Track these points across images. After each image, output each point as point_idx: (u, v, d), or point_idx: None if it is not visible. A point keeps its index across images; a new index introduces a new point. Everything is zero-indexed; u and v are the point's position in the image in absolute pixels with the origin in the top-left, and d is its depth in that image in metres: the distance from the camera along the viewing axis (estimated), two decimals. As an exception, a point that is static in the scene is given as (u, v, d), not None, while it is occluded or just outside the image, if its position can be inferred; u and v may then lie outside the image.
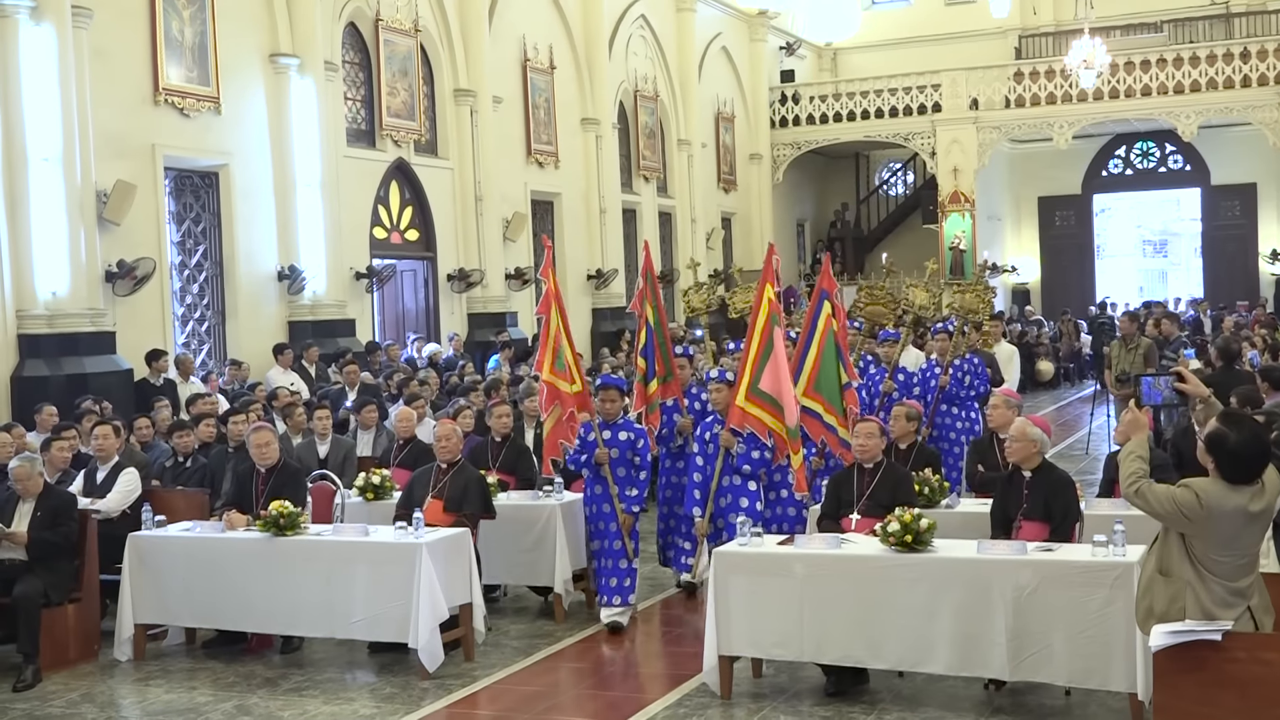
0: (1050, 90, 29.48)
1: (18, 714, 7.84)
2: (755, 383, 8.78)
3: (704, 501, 8.98)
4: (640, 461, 9.25)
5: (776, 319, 8.91)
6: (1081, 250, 34.79)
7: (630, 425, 9.42)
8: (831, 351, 9.67)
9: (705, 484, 8.99)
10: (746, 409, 8.77)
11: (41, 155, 13.97)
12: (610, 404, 9.31)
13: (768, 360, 8.81)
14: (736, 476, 8.92)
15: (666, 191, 28.19)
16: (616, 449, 9.21)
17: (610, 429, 9.28)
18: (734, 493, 8.93)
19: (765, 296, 8.97)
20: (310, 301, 17.84)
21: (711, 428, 9.10)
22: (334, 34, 18.75)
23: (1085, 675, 6.74)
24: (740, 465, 8.86)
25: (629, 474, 9.22)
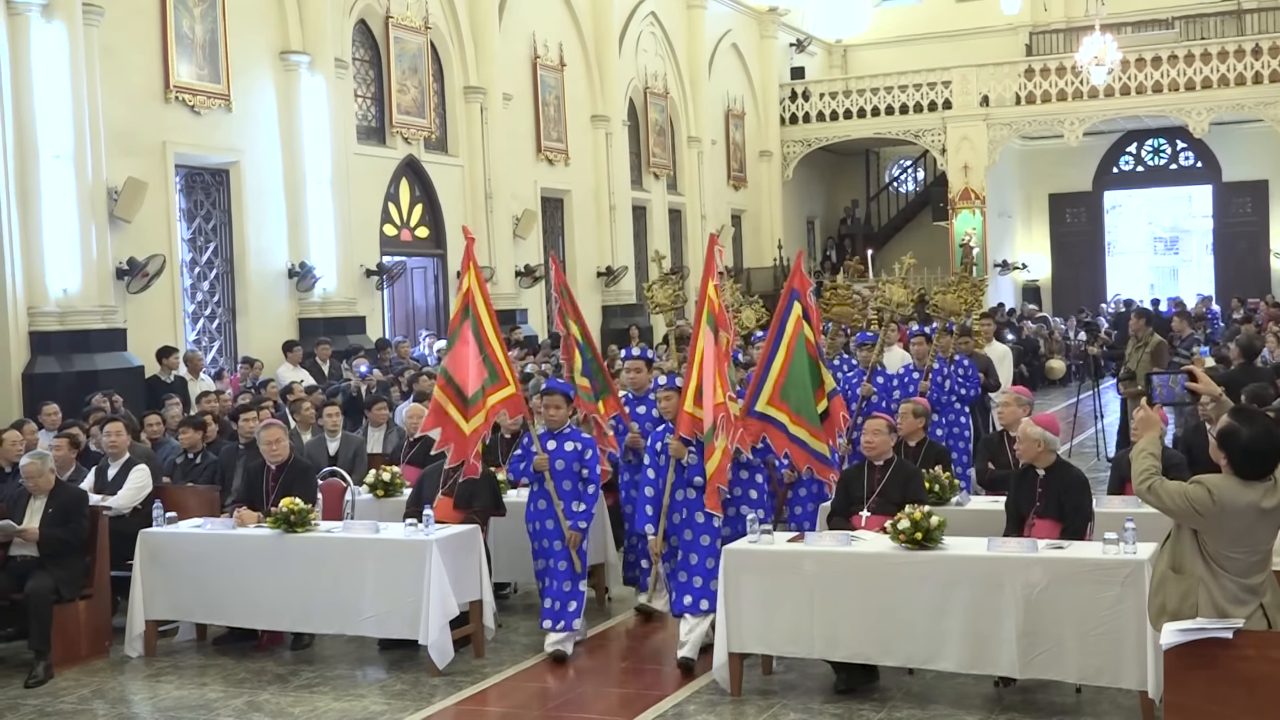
0: (1061, 87, 29.41)
1: (29, 710, 7.86)
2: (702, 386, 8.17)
3: (656, 518, 8.19)
4: (589, 474, 8.54)
5: (711, 317, 8.24)
6: (1092, 247, 34.72)
7: (577, 435, 8.67)
8: (803, 357, 8.74)
9: (657, 499, 8.20)
10: (696, 415, 8.08)
11: (53, 152, 14.01)
12: (554, 411, 8.57)
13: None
14: (690, 490, 8.15)
15: (676, 189, 28.18)
16: (562, 460, 8.49)
17: (555, 438, 8.57)
18: (687, 507, 8.17)
19: (706, 295, 8.34)
20: (320, 299, 17.87)
21: (662, 437, 8.35)
22: (344, 31, 18.77)
23: (1096, 673, 6.73)
24: (693, 477, 8.11)
25: (575, 487, 8.51)
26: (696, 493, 8.11)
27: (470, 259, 9.06)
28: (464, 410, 8.63)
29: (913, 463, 8.65)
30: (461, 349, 8.78)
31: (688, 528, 8.15)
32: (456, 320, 8.97)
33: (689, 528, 8.14)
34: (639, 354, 10.07)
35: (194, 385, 14.60)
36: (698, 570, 8.00)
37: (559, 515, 8.45)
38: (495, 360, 8.79)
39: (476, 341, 8.76)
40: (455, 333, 8.92)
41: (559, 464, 8.48)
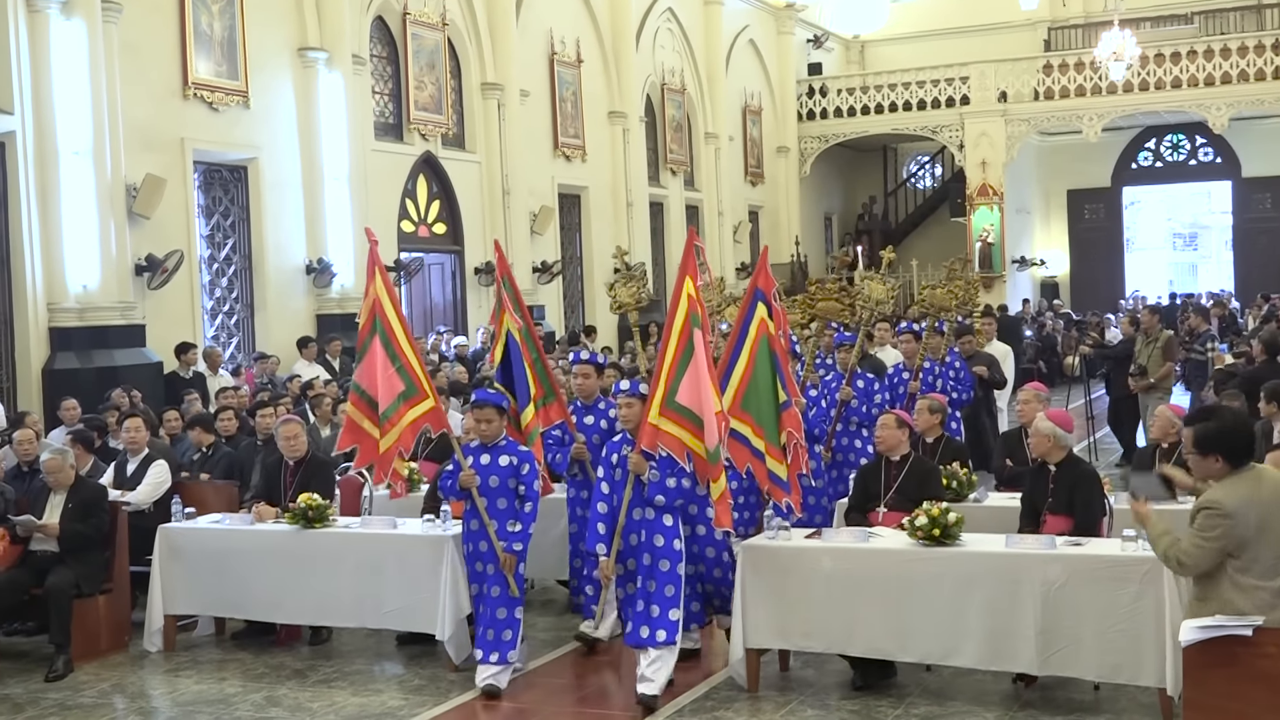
0: (1080, 82, 29.30)
1: (50, 704, 7.90)
2: (672, 395, 7.38)
3: (609, 537, 7.43)
4: (526, 491, 7.80)
5: (697, 319, 7.49)
6: (1111, 244, 34.58)
7: (514, 448, 7.90)
8: (766, 363, 8.04)
9: (611, 517, 7.46)
10: (661, 427, 7.33)
11: (72, 149, 14.07)
12: (486, 425, 7.85)
13: (686, 368, 7.42)
14: (649, 509, 7.39)
15: (694, 185, 28.16)
16: (496, 476, 7.77)
17: (489, 452, 7.84)
18: (646, 528, 7.39)
19: (684, 291, 7.57)
20: (338, 295, 17.92)
21: (619, 448, 7.60)
22: (362, 28, 18.79)
23: (1114, 670, 6.72)
24: (653, 495, 7.34)
25: (511, 506, 7.78)
26: (657, 512, 7.37)
27: (375, 264, 8.46)
28: (380, 424, 8.22)
29: (930, 459, 8.63)
30: (371, 361, 8.33)
31: (646, 551, 7.37)
32: (365, 332, 8.41)
33: (648, 551, 7.36)
34: (588, 358, 9.19)
35: (213, 381, 14.67)
36: (657, 598, 7.28)
37: (491, 536, 7.74)
38: (411, 372, 8.26)
39: (387, 353, 8.25)
40: (365, 345, 8.38)
41: (492, 480, 7.76)
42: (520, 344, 8.80)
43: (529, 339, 8.95)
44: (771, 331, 8.12)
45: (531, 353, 8.85)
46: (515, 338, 8.82)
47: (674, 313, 7.57)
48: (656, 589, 7.31)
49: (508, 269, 9.42)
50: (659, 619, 7.25)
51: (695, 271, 7.67)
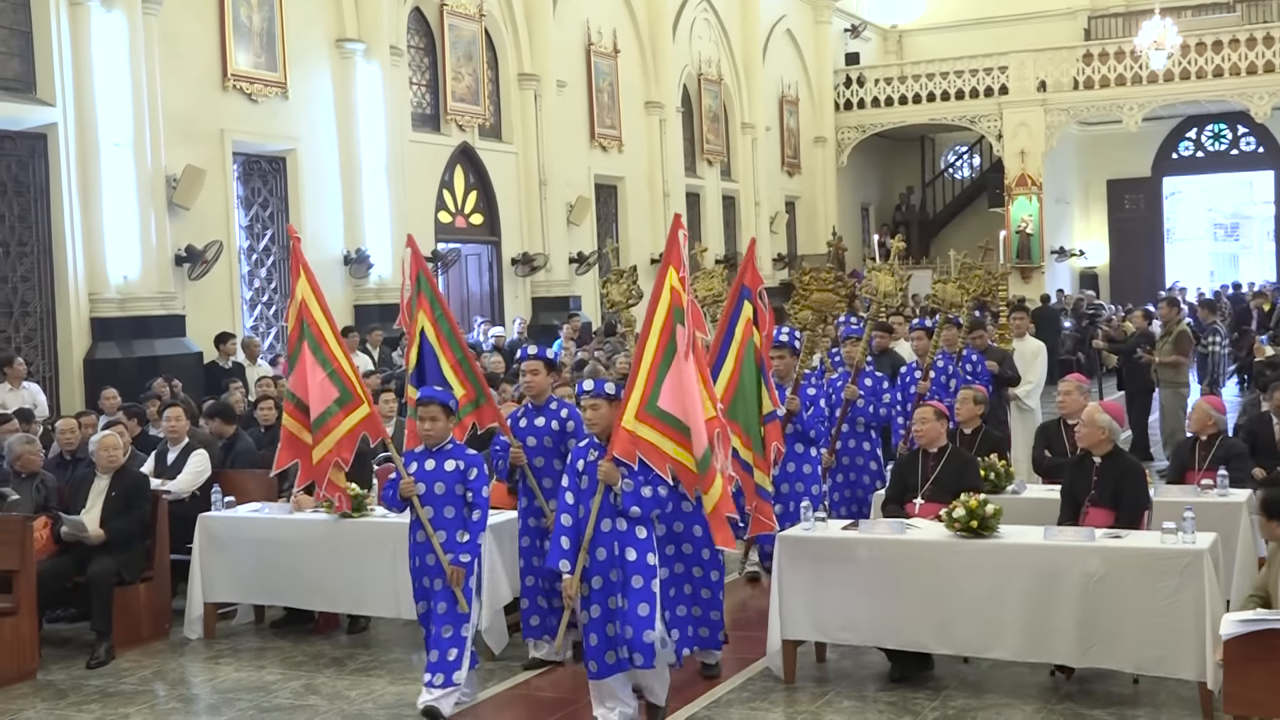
0: (1120, 72, 29.10)
1: (92, 690, 7.98)
2: (654, 399, 6.63)
3: (574, 553, 6.65)
4: (474, 498, 7.14)
5: (680, 314, 6.71)
6: (1151, 234, 34.34)
7: (461, 451, 7.24)
8: (751, 367, 7.56)
9: (576, 529, 6.69)
10: (637, 433, 6.60)
11: (113, 141, 14.19)
12: (431, 424, 7.15)
13: (668, 369, 6.65)
14: (621, 520, 6.64)
15: (730, 175, 28.13)
16: (442, 482, 7.11)
17: (434, 457, 7.19)
18: (619, 541, 6.62)
19: (667, 283, 6.77)
20: (376, 285, 18.00)
21: (585, 454, 6.82)
22: (399, 19, 18.86)
23: (1154, 663, 6.67)
24: (627, 506, 6.58)
25: (459, 514, 7.14)
26: (629, 524, 6.63)
27: (300, 263, 7.98)
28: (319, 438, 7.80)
29: (968, 450, 8.59)
30: (302, 368, 7.85)
31: (616, 567, 6.59)
32: (294, 337, 7.90)
33: (617, 567, 6.59)
34: (536, 353, 8.09)
35: (251, 371, 14.76)
36: (630, 618, 6.52)
37: (436, 548, 7.10)
38: (344, 377, 7.79)
39: (318, 358, 7.77)
40: (296, 351, 7.89)
41: (438, 487, 7.12)
42: (441, 345, 8.05)
43: (452, 339, 8.12)
44: (756, 335, 7.61)
45: (456, 353, 8.08)
46: (430, 339, 8.04)
47: (654, 307, 6.77)
48: (629, 607, 6.53)
49: (424, 265, 8.34)
50: (634, 641, 6.49)
51: (679, 261, 6.88)
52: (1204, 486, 8.21)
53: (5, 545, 8.28)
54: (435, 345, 8.05)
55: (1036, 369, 12.59)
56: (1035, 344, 13.14)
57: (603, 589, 6.62)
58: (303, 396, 7.83)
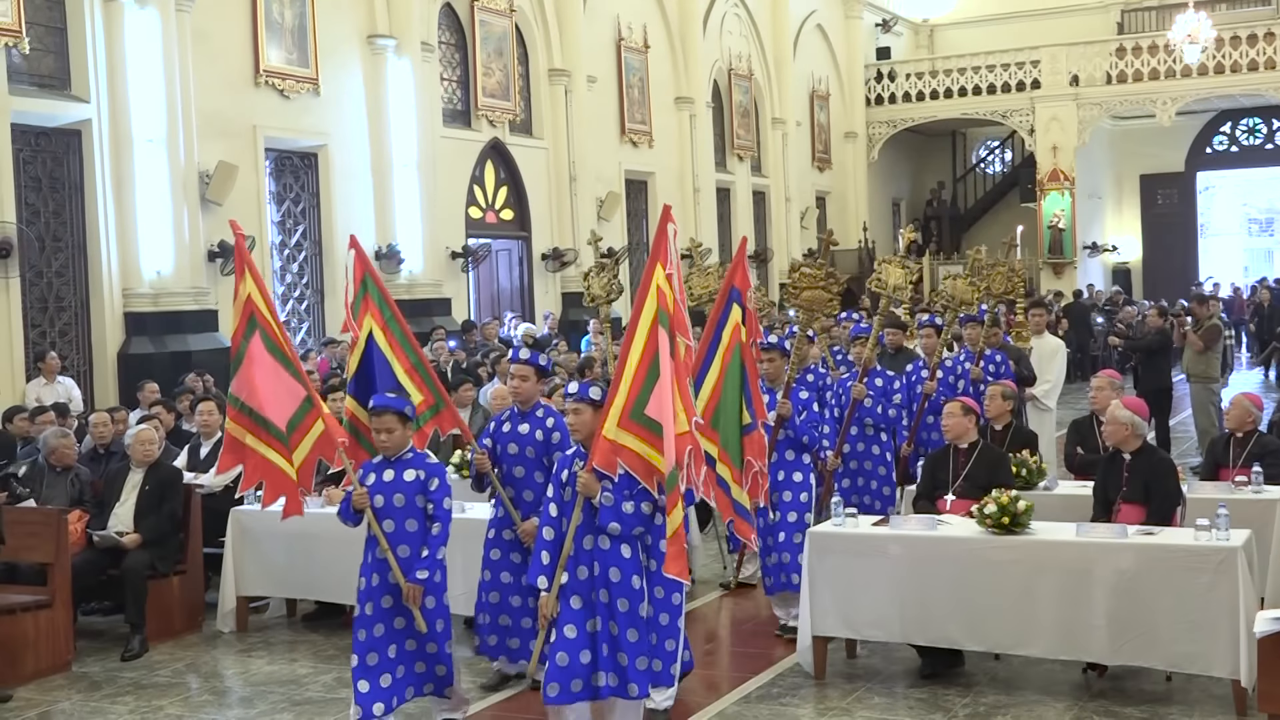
0: (1153, 66, 28.90)
1: (126, 682, 8.05)
2: (640, 406, 6.17)
3: (553, 569, 6.25)
4: (435, 510, 6.63)
5: (666, 318, 6.24)
6: (1184, 229, 34.11)
7: (421, 460, 6.74)
8: (735, 377, 7.16)
9: (557, 544, 6.29)
10: (619, 441, 6.15)
11: (146, 137, 14.29)
12: (386, 435, 6.64)
13: (656, 375, 6.20)
14: (604, 537, 6.22)
15: (760, 170, 28.08)
16: (401, 494, 6.63)
17: (392, 467, 6.70)
18: (600, 559, 6.23)
19: (653, 282, 6.30)
20: (407, 280, 18.05)
21: (571, 463, 6.42)
22: (430, 15, 18.90)
23: (1187, 660, 6.64)
24: (606, 521, 6.17)
25: (422, 528, 6.63)
26: (613, 542, 6.21)
27: (244, 260, 7.45)
28: (273, 442, 7.23)
29: (999, 446, 8.55)
30: (253, 371, 7.27)
31: (603, 587, 6.21)
32: (239, 337, 7.34)
33: (604, 587, 6.21)
34: (527, 357, 7.62)
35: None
36: (621, 644, 6.16)
37: (393, 566, 6.57)
38: (305, 380, 7.38)
39: (278, 359, 7.27)
40: (240, 351, 7.33)
41: (397, 499, 6.63)
42: (394, 349, 7.55)
43: (406, 343, 7.60)
44: (745, 340, 7.20)
45: (411, 357, 7.59)
46: (380, 344, 7.54)
47: (640, 308, 6.28)
48: (618, 632, 6.16)
49: (370, 267, 7.86)
50: (629, 669, 6.12)
51: (667, 258, 6.35)
52: (1238, 483, 8.16)
53: (40, 539, 8.36)
54: (387, 350, 7.53)
55: (1055, 368, 12.29)
56: (1054, 342, 12.89)
57: (582, 610, 6.18)
58: (250, 400, 7.25)
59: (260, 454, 7.25)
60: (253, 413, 7.23)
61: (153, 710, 7.51)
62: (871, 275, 9.96)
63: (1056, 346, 12.74)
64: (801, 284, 9.04)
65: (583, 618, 6.18)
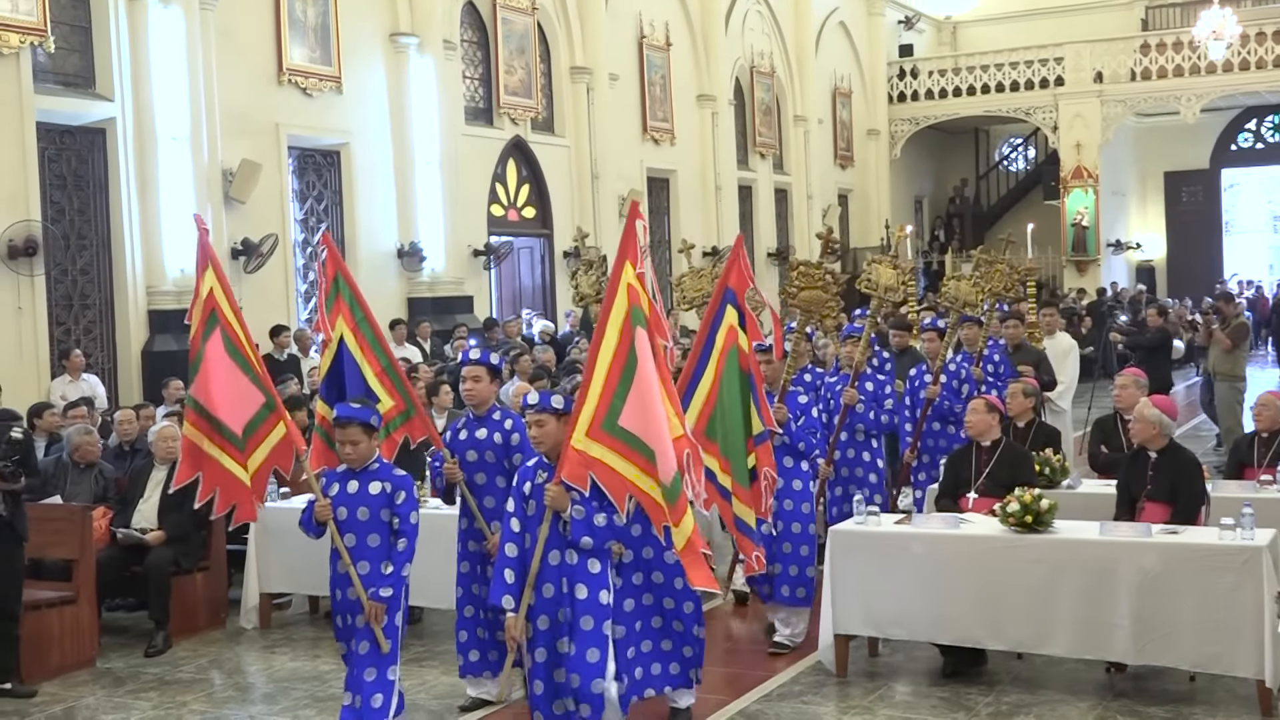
0: (1178, 62, 28.76)
1: (150, 678, 8.08)
2: (613, 415, 5.81)
3: (518, 588, 5.93)
4: (401, 525, 6.34)
5: (640, 316, 5.83)
6: (1209, 227, 33.95)
7: (387, 472, 6.45)
8: (734, 382, 6.78)
9: (521, 561, 5.96)
10: (589, 453, 5.78)
11: (170, 135, 14.36)
12: (351, 447, 6.35)
13: (631, 381, 5.79)
14: (571, 553, 5.90)
15: (782, 168, 28.04)
16: (366, 507, 6.34)
17: (357, 478, 6.41)
18: (567, 576, 5.89)
19: (623, 280, 5.89)
20: (429, 278, 18.09)
21: (533, 475, 6.06)
22: (453, 13, 18.93)
23: (1211, 660, 6.60)
24: (578, 536, 5.84)
25: (384, 543, 6.35)
26: (581, 557, 5.88)
27: (207, 255, 7.18)
28: (227, 447, 6.93)
29: (1022, 444, 8.53)
30: (209, 373, 6.98)
31: (565, 605, 5.88)
32: (198, 337, 7.05)
33: (567, 605, 5.87)
34: (479, 357, 7.16)
35: (306, 363, 14.87)
36: (576, 665, 5.81)
37: (355, 581, 6.31)
38: (266, 383, 7.06)
39: (237, 361, 6.99)
40: (200, 352, 7.03)
41: (361, 512, 6.35)
42: (365, 353, 7.28)
43: (377, 346, 7.34)
44: (743, 344, 6.80)
45: (381, 361, 7.32)
46: (351, 347, 7.26)
47: (609, 308, 5.88)
48: (576, 652, 5.82)
49: (342, 266, 7.53)
50: (581, 690, 5.80)
51: (636, 254, 5.98)
52: (1263, 482, 8.11)
53: (65, 535, 8.41)
54: (358, 354, 7.24)
55: (1068, 369, 12.05)
56: (1067, 342, 12.68)
57: (550, 630, 5.89)
58: (208, 403, 6.97)
59: (215, 460, 6.97)
60: (210, 416, 6.95)
61: (176, 706, 7.54)
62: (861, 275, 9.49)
63: (1069, 346, 12.57)
64: (800, 283, 8.66)
65: (551, 639, 5.89)
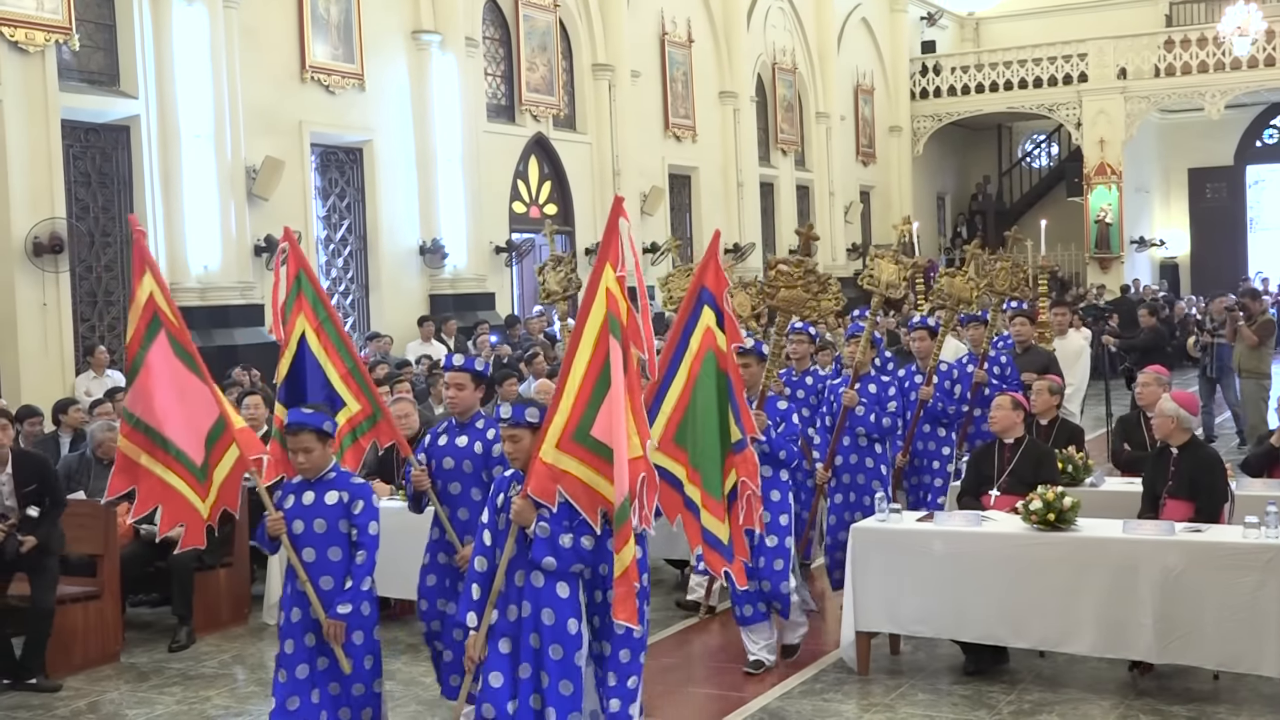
0: (1202, 58, 28.61)
1: (173, 673, 8.13)
2: (585, 426, 5.42)
3: (483, 604, 5.55)
4: (359, 536, 5.96)
5: (617, 325, 5.39)
6: (1233, 223, 33.79)
7: (345, 481, 6.06)
8: (710, 387, 6.23)
9: (489, 577, 5.59)
10: (559, 466, 5.40)
11: (194, 132, 14.41)
12: (305, 455, 5.95)
13: (605, 390, 5.39)
14: (537, 573, 5.46)
15: (804, 165, 28.00)
16: (323, 519, 5.96)
17: (313, 488, 6.03)
18: (532, 598, 5.46)
19: (602, 284, 5.46)
20: (451, 275, 18.13)
21: (507, 487, 5.69)
22: (475, 10, 18.96)
23: (1235, 659, 6.58)
24: (538, 557, 5.41)
25: (345, 557, 5.97)
26: (548, 579, 5.43)
27: (144, 258, 6.60)
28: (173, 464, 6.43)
29: (1045, 442, 8.50)
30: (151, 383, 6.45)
31: (533, 630, 5.44)
32: (136, 343, 6.48)
33: (534, 630, 5.45)
34: (462, 364, 6.80)
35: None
36: (551, 697, 5.40)
37: (313, 600, 5.93)
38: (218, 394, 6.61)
39: (187, 363, 6.52)
40: (137, 360, 6.47)
41: (318, 524, 5.96)
42: (329, 354, 6.81)
43: (342, 347, 6.85)
44: (721, 346, 6.28)
45: (347, 362, 6.84)
46: (313, 348, 6.77)
47: (585, 314, 5.48)
48: (549, 684, 5.39)
49: (304, 263, 6.96)
50: None
51: (618, 257, 5.51)
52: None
53: (90, 531, 8.46)
54: (321, 355, 6.77)
55: (1079, 370, 11.80)
56: (1078, 343, 12.45)
57: (511, 654, 5.45)
58: (145, 415, 6.43)
59: (156, 476, 6.41)
60: (149, 430, 6.41)
61: (200, 701, 7.58)
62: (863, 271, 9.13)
63: (1080, 347, 12.35)
64: (779, 283, 8.17)
65: (510, 664, 5.45)
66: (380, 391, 10.82)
